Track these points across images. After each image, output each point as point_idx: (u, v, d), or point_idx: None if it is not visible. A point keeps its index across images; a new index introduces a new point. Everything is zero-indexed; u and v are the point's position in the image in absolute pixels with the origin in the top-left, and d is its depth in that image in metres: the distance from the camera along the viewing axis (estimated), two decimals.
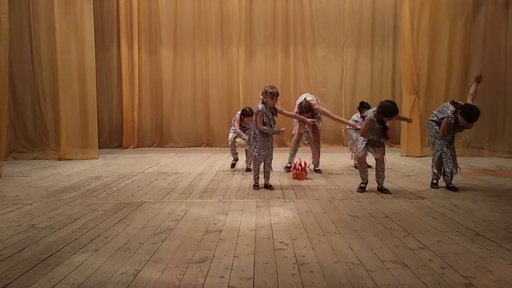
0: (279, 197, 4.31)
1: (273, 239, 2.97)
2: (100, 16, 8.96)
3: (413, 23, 7.38)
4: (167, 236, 3.05)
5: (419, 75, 7.48)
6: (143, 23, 9.19)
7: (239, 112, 5.82)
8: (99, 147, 7.61)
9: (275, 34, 9.19)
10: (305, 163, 5.39)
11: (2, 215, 3.65)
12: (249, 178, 5.23)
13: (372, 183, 4.66)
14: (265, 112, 4.57)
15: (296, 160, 5.51)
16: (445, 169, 4.56)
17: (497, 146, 7.43)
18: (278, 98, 4.65)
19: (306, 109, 5.49)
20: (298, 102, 5.72)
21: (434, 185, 4.71)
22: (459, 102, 4.52)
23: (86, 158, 7.15)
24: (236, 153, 5.91)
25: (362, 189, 4.54)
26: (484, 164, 6.44)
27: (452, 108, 4.47)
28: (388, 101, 4.38)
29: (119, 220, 3.47)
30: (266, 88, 4.58)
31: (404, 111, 7.43)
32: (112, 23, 9.14)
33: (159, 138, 9.39)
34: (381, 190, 4.52)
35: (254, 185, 4.73)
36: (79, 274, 2.38)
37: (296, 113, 5.46)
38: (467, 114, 4.32)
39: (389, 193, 4.42)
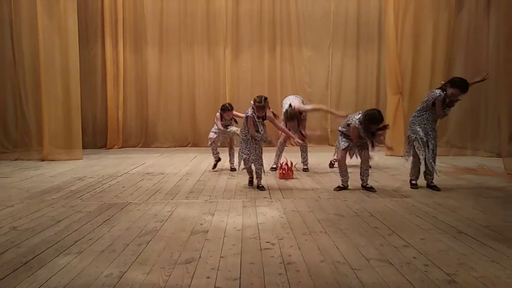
0: (265, 197, 4.32)
1: (259, 239, 2.97)
2: (84, 14, 8.81)
3: (397, 24, 7.48)
4: (153, 237, 3.02)
5: (403, 75, 7.58)
6: (128, 21, 9.08)
7: (220, 110, 5.74)
8: (83, 148, 7.48)
9: (261, 35, 9.19)
10: (291, 163, 5.41)
11: None
12: (236, 178, 5.23)
13: (356, 182, 4.71)
14: (254, 118, 4.51)
15: (282, 160, 5.52)
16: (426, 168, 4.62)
17: (479, 145, 7.58)
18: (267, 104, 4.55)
19: (291, 117, 5.28)
20: (283, 109, 5.58)
21: (414, 185, 4.72)
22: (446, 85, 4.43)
23: (70, 159, 7.02)
24: (218, 153, 5.87)
25: (339, 188, 4.60)
26: (467, 163, 6.56)
27: (439, 91, 4.38)
28: (373, 109, 4.37)
29: (104, 222, 3.43)
30: (255, 100, 4.47)
31: (389, 111, 7.52)
32: (97, 21, 9.01)
33: (144, 138, 9.30)
34: (366, 188, 4.58)
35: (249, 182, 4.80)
36: (63, 277, 2.34)
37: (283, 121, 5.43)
38: (459, 83, 4.26)
39: (374, 191, 4.48)
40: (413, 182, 4.73)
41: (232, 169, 5.81)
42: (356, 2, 9.11)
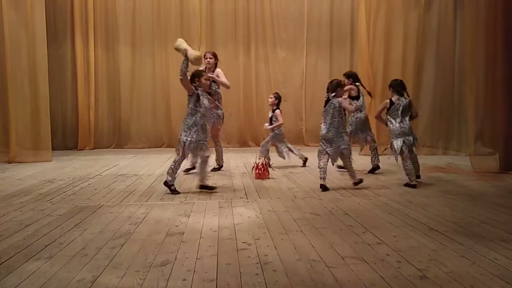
0: (242, 197, 4.31)
1: (236, 240, 2.96)
2: (53, 10, 8.53)
3: (369, 25, 7.64)
4: (127, 240, 2.96)
5: (375, 76, 7.75)
6: (99, 18, 8.84)
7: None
8: (53, 149, 7.24)
9: (236, 34, 9.16)
10: (267, 163, 5.42)
11: None
12: (212, 179, 5.19)
13: (331, 181, 4.76)
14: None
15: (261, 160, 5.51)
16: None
17: (448, 144, 7.85)
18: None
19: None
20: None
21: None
22: None
23: (39, 161, 6.78)
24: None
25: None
26: (436, 162, 6.77)
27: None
28: None
29: (75, 225, 3.33)
30: None
31: None
32: (66, 18, 8.74)
33: (117, 139, 9.09)
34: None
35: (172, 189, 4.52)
36: (32, 283, 2.26)
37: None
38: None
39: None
40: None
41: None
42: (329, 3, 9.22)
